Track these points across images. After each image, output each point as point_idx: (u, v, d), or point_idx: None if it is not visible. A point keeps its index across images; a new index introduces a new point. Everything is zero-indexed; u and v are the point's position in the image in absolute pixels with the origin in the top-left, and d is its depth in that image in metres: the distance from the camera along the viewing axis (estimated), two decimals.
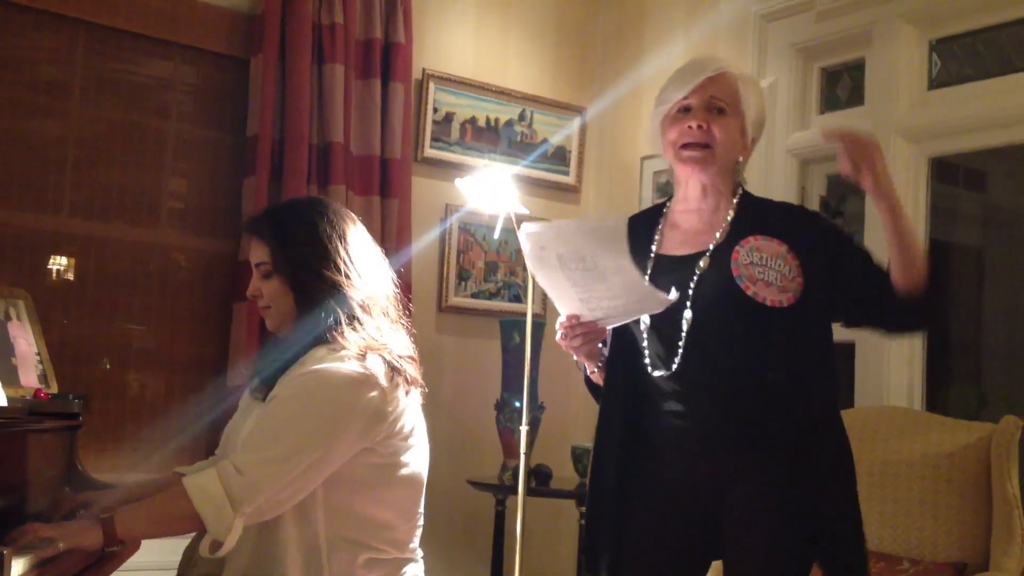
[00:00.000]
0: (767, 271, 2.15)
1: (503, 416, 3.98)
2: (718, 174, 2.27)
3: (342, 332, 2.08)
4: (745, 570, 2.16)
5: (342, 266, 2.14)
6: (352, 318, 2.11)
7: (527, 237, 2.12)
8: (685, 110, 2.26)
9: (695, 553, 2.26)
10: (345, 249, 2.17)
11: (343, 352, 2.05)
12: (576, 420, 4.50)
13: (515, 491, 3.33)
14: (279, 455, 1.97)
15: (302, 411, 2.02)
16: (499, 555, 3.96)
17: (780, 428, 2.12)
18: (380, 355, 2.09)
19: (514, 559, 3.37)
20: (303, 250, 2.16)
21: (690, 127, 2.23)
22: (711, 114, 2.24)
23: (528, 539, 3.72)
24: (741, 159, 2.31)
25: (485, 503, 4.09)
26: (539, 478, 3.90)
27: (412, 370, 2.16)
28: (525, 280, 2.54)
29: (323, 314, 2.10)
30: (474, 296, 4.48)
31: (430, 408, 4.32)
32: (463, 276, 4.44)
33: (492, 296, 4.52)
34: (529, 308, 3.03)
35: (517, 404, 3.90)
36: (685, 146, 2.25)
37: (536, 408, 3.93)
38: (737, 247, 2.19)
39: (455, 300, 4.42)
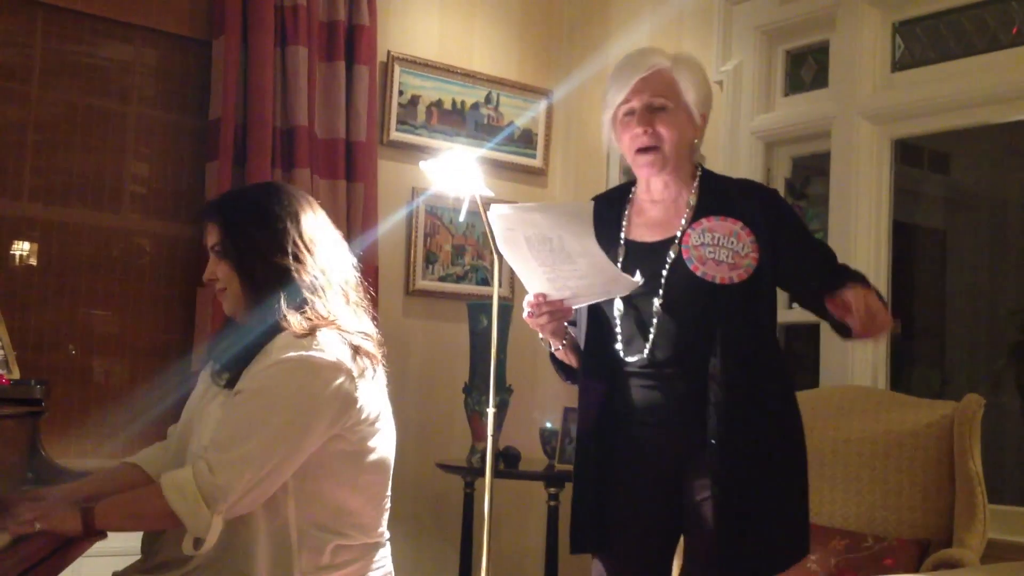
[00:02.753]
0: (718, 250, 2.23)
1: (471, 399, 3.98)
2: (675, 167, 2.34)
3: (289, 314, 2.07)
4: (701, 548, 2.23)
5: (291, 248, 2.13)
6: (301, 300, 2.10)
7: (495, 219, 2.17)
8: (629, 113, 2.32)
9: (667, 528, 2.32)
10: (297, 232, 2.15)
11: (306, 339, 2.04)
12: (544, 402, 4.50)
13: (484, 473, 3.33)
14: (251, 453, 1.96)
15: (271, 405, 2.00)
16: (468, 537, 3.96)
17: (727, 409, 2.18)
18: (336, 333, 2.08)
19: (482, 541, 3.38)
20: (251, 233, 2.15)
21: (637, 133, 2.30)
22: (654, 114, 2.29)
23: (497, 521, 3.72)
24: (696, 140, 2.38)
25: (454, 486, 4.09)
26: (508, 460, 3.91)
27: (369, 346, 2.14)
28: (492, 263, 2.55)
29: (271, 297, 2.09)
30: (441, 279, 4.46)
31: (398, 392, 4.31)
32: (430, 259, 4.43)
33: (459, 279, 4.51)
34: (495, 291, 3.03)
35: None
36: (639, 151, 2.32)
37: (504, 391, 3.93)
38: (689, 230, 2.27)
39: (422, 284, 4.40)
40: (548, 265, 2.18)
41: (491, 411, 3.12)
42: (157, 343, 3.87)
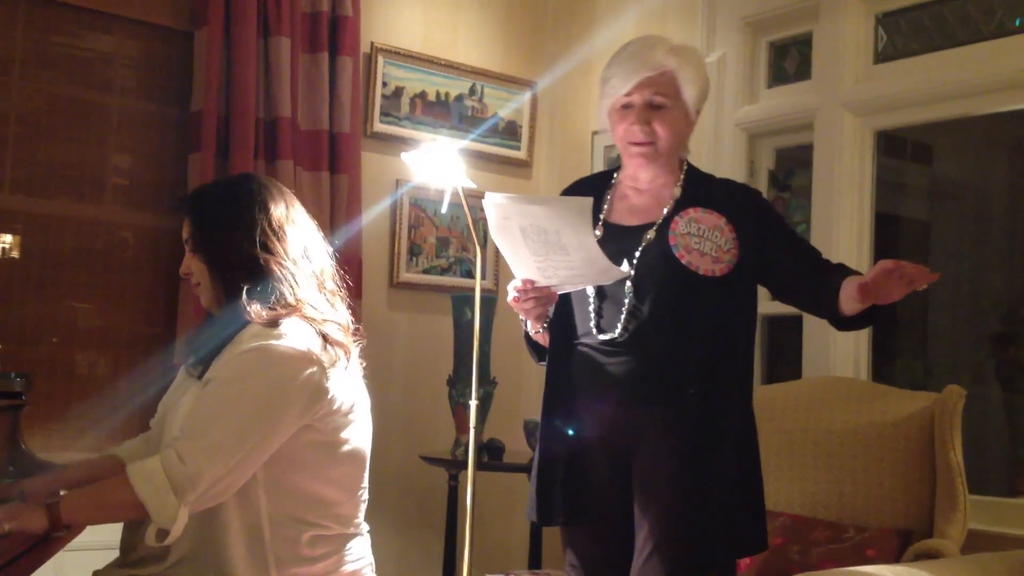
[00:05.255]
0: (703, 242, 2.27)
1: (455, 391, 3.98)
2: (665, 161, 2.39)
3: (251, 305, 2.06)
4: (650, 515, 2.26)
5: (260, 237, 2.12)
6: (269, 289, 2.09)
7: (491, 206, 2.19)
8: (627, 106, 2.34)
9: (630, 499, 2.34)
10: (267, 220, 2.14)
11: (274, 329, 2.03)
12: (529, 394, 4.51)
13: (468, 466, 3.33)
14: (220, 441, 1.94)
15: (240, 393, 1.99)
16: (452, 530, 3.97)
17: (694, 391, 2.24)
18: (304, 322, 2.07)
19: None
20: (220, 224, 2.15)
21: (633, 130, 2.33)
22: (652, 111, 2.32)
23: (481, 514, 3.73)
24: (687, 135, 2.42)
25: (438, 478, 4.09)
26: (492, 452, 3.90)
27: (339, 334, 2.13)
28: (476, 256, 2.56)
29: (242, 288, 2.08)
30: (426, 272, 4.46)
31: (382, 385, 4.31)
32: (414, 252, 4.42)
33: (444, 272, 4.51)
34: (478, 283, 3.02)
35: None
36: (633, 143, 2.35)
37: (488, 383, 3.93)
38: (676, 217, 2.32)
39: (406, 276, 4.40)
40: (541, 255, 2.20)
41: (474, 403, 3.12)
42: (140, 335, 3.86)
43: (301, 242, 2.18)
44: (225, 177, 3.43)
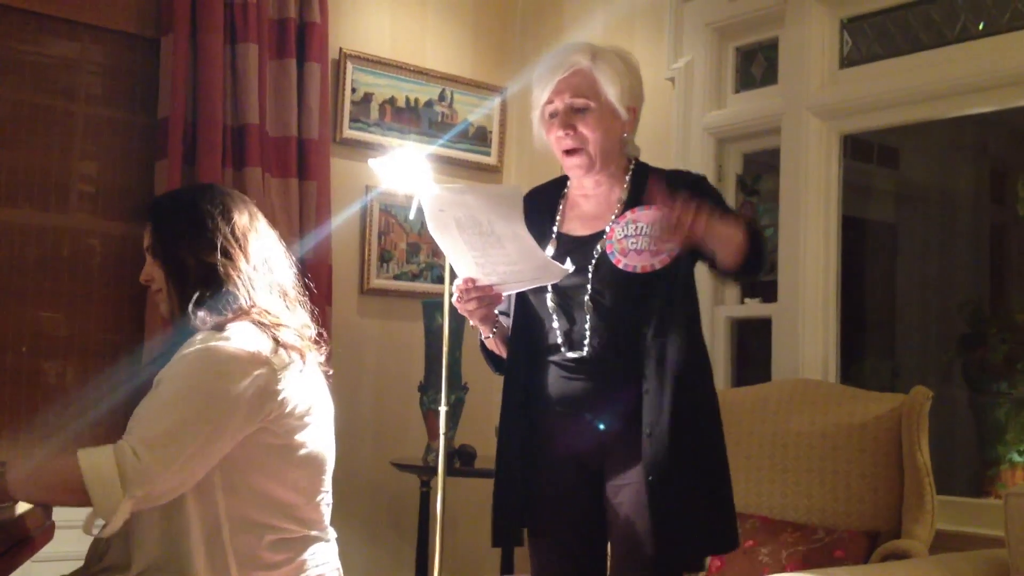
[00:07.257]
0: (640, 239, 2.23)
1: (427, 397, 3.97)
2: (603, 165, 2.34)
3: (200, 311, 2.05)
4: (620, 525, 2.26)
5: (221, 243, 2.10)
6: (224, 295, 2.07)
7: (426, 199, 2.18)
8: (552, 114, 2.32)
9: (596, 516, 2.34)
10: (229, 228, 2.13)
11: (223, 332, 2.02)
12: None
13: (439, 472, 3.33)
14: (168, 436, 1.91)
15: (187, 391, 1.97)
16: (424, 536, 3.96)
17: (656, 395, 2.21)
18: (253, 326, 2.06)
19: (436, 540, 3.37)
20: (181, 231, 2.13)
21: (559, 135, 2.30)
22: (575, 115, 2.29)
23: (453, 519, 3.71)
24: (625, 135, 2.36)
25: (410, 485, 4.09)
26: (463, 458, 3.90)
27: (292, 338, 2.11)
28: (446, 261, 2.56)
29: (199, 295, 2.07)
30: (396, 278, 4.45)
31: (353, 391, 4.30)
32: (385, 258, 4.41)
33: (415, 278, 4.50)
34: (447, 289, 3.03)
35: None
36: (566, 153, 2.32)
37: (459, 389, 3.93)
38: (613, 225, 2.28)
39: (377, 282, 4.39)
40: (478, 249, 2.19)
41: (443, 409, 3.13)
42: (107, 343, 3.83)
43: (262, 250, 2.18)
44: (186, 186, 3.41)
